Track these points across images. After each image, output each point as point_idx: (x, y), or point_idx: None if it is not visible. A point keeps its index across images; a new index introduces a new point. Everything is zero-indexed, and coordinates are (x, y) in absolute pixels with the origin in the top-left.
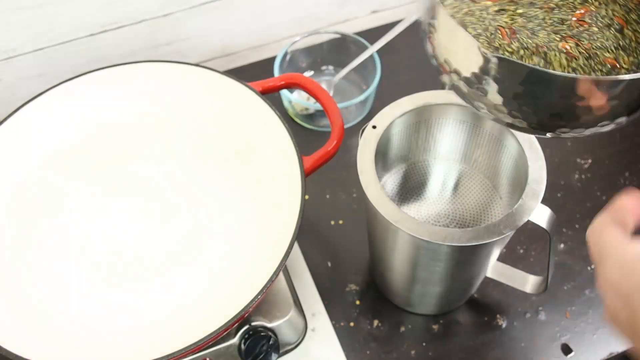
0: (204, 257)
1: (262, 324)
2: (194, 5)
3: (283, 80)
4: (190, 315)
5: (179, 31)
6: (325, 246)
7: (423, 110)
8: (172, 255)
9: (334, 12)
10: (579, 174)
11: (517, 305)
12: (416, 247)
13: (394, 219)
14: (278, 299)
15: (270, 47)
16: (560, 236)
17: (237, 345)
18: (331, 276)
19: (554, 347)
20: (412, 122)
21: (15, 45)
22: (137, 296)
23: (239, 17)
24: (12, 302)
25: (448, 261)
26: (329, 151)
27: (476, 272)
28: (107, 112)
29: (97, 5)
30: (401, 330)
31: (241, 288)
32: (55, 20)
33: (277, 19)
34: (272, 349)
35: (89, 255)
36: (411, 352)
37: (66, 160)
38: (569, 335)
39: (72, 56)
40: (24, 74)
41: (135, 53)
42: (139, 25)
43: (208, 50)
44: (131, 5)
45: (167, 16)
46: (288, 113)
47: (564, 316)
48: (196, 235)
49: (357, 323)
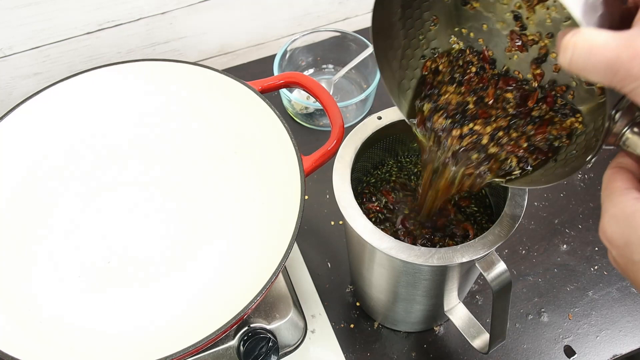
0: (203, 258)
1: (262, 326)
2: (192, 3)
3: (282, 79)
4: (188, 316)
5: (177, 29)
6: (325, 246)
7: None
8: (170, 257)
9: (334, 10)
10: (582, 174)
11: (520, 307)
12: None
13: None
14: (277, 301)
15: (270, 45)
16: (564, 237)
17: (236, 347)
18: (331, 277)
19: (556, 349)
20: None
21: (12, 44)
22: (136, 299)
23: (238, 15)
24: (9, 304)
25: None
26: (329, 151)
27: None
28: (104, 111)
29: (94, 3)
30: (402, 332)
31: (240, 289)
32: (51, 18)
33: (277, 17)
34: (271, 350)
35: (86, 258)
36: (412, 354)
37: (63, 161)
38: (572, 337)
39: (68, 55)
40: (20, 72)
41: (133, 52)
42: (137, 24)
43: (206, 48)
44: (128, 3)
45: (165, 14)
46: (287, 112)
47: (567, 318)
48: (195, 236)
49: (357, 325)
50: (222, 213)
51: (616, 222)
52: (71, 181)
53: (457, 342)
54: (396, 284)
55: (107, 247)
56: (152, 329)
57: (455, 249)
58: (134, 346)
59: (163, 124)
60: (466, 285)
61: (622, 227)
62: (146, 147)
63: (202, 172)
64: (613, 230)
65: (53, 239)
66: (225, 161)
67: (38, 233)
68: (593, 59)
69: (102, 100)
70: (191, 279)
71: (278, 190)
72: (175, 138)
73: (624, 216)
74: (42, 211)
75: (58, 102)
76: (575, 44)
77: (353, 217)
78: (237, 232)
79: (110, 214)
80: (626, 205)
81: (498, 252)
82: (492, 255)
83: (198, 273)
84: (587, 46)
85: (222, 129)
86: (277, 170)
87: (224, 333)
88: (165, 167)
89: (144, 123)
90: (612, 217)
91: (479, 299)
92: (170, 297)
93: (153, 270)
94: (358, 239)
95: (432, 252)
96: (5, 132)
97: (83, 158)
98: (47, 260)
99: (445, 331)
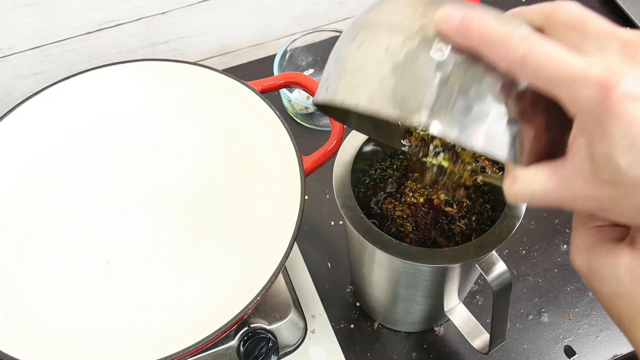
0: (203, 258)
1: (262, 326)
2: (192, 3)
3: (282, 79)
4: (188, 317)
5: (177, 29)
6: (325, 246)
7: None
8: (170, 257)
9: (334, 10)
10: None
11: (520, 307)
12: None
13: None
14: (277, 301)
15: (270, 45)
16: (564, 237)
17: (236, 347)
18: (331, 277)
19: (557, 349)
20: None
21: (12, 44)
22: (136, 299)
23: (238, 15)
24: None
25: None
26: (329, 151)
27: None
28: (104, 111)
29: (94, 3)
30: (402, 332)
31: (240, 289)
32: (52, 18)
33: (277, 17)
34: (271, 351)
35: (86, 258)
36: (412, 354)
37: (63, 160)
38: (572, 337)
39: (68, 55)
40: (20, 72)
41: (133, 51)
42: (137, 24)
43: (206, 48)
44: (129, 3)
45: (165, 14)
46: (287, 112)
47: (567, 318)
48: (195, 236)
49: (357, 325)
50: (222, 213)
51: (579, 253)
52: (71, 181)
53: (457, 343)
54: (396, 285)
55: (107, 247)
56: (152, 329)
57: (455, 250)
58: (135, 346)
59: (163, 123)
60: (466, 286)
61: (585, 257)
62: (146, 146)
63: (202, 172)
64: (578, 260)
65: (53, 239)
66: (225, 161)
67: (38, 233)
68: (537, 202)
69: (102, 100)
70: (191, 279)
71: (278, 190)
72: (175, 138)
73: (586, 246)
74: (42, 211)
75: (58, 102)
76: (515, 193)
77: (353, 218)
78: (237, 232)
79: (110, 213)
80: (588, 235)
81: (498, 252)
82: (492, 256)
83: (198, 273)
84: (527, 194)
85: (222, 129)
86: (277, 170)
87: (224, 333)
88: (166, 167)
89: (144, 122)
90: (577, 248)
91: (479, 299)
92: (171, 298)
93: (153, 270)
94: (358, 240)
95: (432, 253)
96: (6, 131)
97: (83, 158)
98: (47, 260)
99: (446, 331)
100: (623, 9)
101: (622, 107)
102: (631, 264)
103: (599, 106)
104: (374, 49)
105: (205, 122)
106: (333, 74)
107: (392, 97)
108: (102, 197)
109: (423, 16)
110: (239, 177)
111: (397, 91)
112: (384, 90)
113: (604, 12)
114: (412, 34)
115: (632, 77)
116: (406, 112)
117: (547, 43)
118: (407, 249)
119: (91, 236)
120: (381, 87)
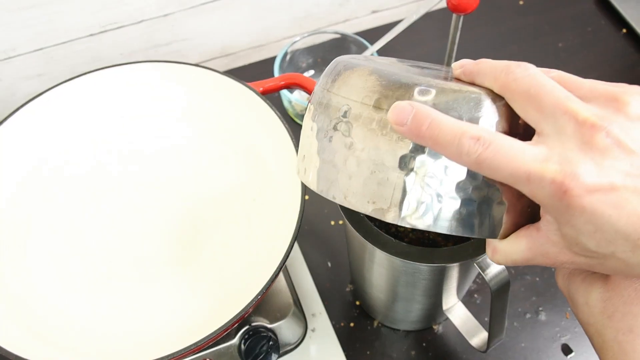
0: (204, 257)
1: (262, 325)
2: (193, 5)
3: (283, 80)
4: (190, 315)
5: (179, 31)
6: (325, 246)
7: None
8: (171, 256)
9: (334, 12)
10: None
11: (517, 305)
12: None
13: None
14: (278, 300)
15: (270, 47)
16: None
17: (237, 345)
18: (331, 276)
19: (554, 347)
20: None
21: (15, 45)
22: (137, 298)
23: (239, 17)
24: (11, 304)
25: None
26: None
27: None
28: (107, 112)
29: (96, 5)
30: (401, 331)
31: (241, 288)
32: (55, 20)
33: (277, 18)
34: (272, 349)
35: (88, 258)
36: (411, 352)
37: (65, 161)
38: (569, 335)
39: (71, 56)
40: (23, 74)
41: (135, 53)
42: (139, 26)
43: (208, 50)
44: (131, 5)
45: (167, 16)
46: (288, 113)
47: (564, 317)
48: (196, 236)
49: (357, 323)
50: (223, 213)
51: (561, 276)
52: (73, 181)
53: (456, 341)
54: (396, 284)
55: (108, 248)
56: (154, 327)
57: (454, 249)
58: (136, 345)
59: (164, 124)
60: (465, 285)
61: (565, 281)
62: (147, 147)
63: (203, 172)
64: (559, 282)
65: (54, 239)
66: (225, 161)
67: (39, 233)
68: (520, 265)
69: (105, 101)
70: (192, 279)
71: (278, 190)
72: (177, 139)
73: (567, 271)
74: (44, 211)
75: (61, 103)
76: (498, 261)
77: (353, 217)
78: (237, 232)
79: (111, 214)
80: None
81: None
82: None
83: (199, 272)
84: (510, 262)
85: (223, 130)
86: (278, 171)
87: (225, 332)
88: (166, 168)
89: (145, 123)
90: (559, 271)
91: (477, 298)
92: (172, 297)
93: (154, 270)
94: (358, 239)
95: (432, 252)
96: (9, 132)
97: (85, 158)
98: (49, 260)
99: (444, 330)
100: (619, 11)
101: (581, 202)
102: (602, 295)
103: (559, 202)
104: (338, 140)
105: (206, 122)
106: (308, 155)
107: (363, 195)
108: (104, 197)
109: (379, 109)
110: (239, 177)
111: (366, 190)
112: (356, 189)
113: (600, 15)
114: (371, 128)
115: (587, 169)
116: (379, 212)
117: (500, 141)
118: (406, 248)
119: (93, 236)
120: (353, 185)
